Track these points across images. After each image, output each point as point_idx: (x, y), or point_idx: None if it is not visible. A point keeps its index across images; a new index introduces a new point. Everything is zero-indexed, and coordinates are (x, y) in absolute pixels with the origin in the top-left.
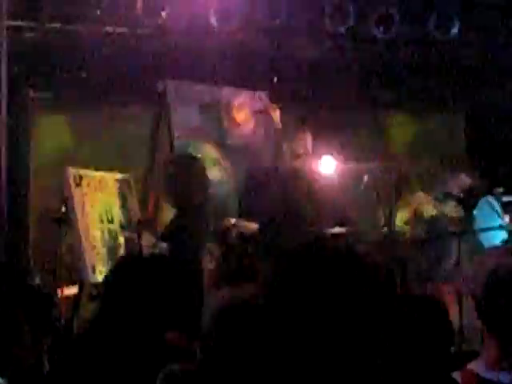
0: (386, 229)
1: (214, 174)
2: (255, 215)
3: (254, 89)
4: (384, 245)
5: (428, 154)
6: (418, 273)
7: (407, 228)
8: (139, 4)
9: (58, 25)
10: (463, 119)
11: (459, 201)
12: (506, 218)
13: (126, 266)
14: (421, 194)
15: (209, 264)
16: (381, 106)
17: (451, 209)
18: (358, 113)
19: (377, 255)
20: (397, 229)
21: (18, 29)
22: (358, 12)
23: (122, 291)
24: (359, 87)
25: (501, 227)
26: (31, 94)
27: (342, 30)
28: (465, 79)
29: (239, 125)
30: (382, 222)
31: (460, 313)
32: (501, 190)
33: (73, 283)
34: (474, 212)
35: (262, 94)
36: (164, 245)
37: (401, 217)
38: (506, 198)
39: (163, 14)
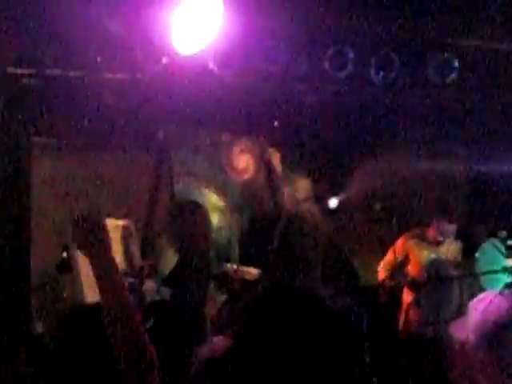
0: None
1: (215, 219)
2: (257, 261)
3: (255, 134)
4: (383, 289)
5: (426, 200)
6: (420, 317)
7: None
8: (139, 50)
9: (59, 71)
10: (464, 165)
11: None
12: (510, 262)
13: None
14: (410, 242)
15: (211, 310)
16: (380, 150)
17: (449, 252)
18: (358, 156)
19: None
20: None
21: (19, 76)
22: (357, 57)
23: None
24: (359, 131)
25: (505, 270)
26: (33, 140)
27: (342, 74)
28: (465, 123)
29: (240, 170)
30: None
31: None
32: (505, 233)
33: None
34: (477, 255)
35: (263, 140)
36: (166, 290)
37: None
38: (510, 242)
39: (163, 59)
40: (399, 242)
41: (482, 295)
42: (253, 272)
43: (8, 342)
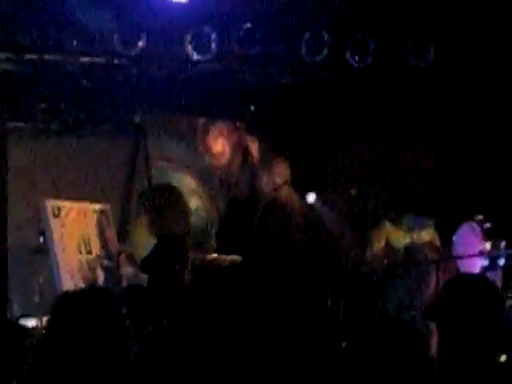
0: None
1: (193, 204)
2: (236, 246)
3: (231, 118)
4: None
5: (399, 186)
6: (398, 301)
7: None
8: (116, 35)
9: (34, 56)
10: (436, 150)
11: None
12: (487, 245)
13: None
14: (388, 226)
15: None
16: (356, 137)
17: (426, 235)
18: (334, 142)
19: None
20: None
21: None
22: (333, 40)
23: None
24: (336, 116)
25: (481, 254)
26: (8, 124)
27: (318, 58)
28: (437, 113)
29: (216, 155)
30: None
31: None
32: (481, 217)
33: None
34: (454, 238)
35: (240, 124)
36: (144, 275)
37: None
38: (486, 225)
39: (139, 44)
40: (379, 230)
41: (456, 277)
42: (233, 259)
43: None
